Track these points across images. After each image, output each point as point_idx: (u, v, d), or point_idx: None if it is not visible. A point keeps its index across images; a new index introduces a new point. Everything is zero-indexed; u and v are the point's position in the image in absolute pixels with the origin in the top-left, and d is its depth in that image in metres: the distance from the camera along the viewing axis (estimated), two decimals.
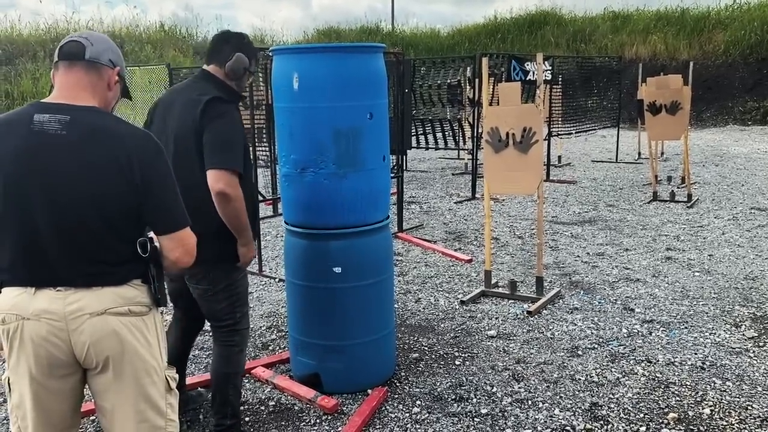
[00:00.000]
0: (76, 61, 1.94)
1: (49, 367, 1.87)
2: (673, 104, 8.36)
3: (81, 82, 1.94)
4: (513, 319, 4.47)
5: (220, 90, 2.74)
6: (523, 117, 4.76)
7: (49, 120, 1.84)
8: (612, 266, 5.70)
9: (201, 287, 2.81)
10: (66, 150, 1.83)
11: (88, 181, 1.84)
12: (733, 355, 3.84)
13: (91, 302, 1.86)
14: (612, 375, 3.61)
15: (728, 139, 16.00)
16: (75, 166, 1.83)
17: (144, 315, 1.96)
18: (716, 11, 22.62)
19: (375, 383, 3.47)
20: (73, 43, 1.96)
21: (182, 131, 2.65)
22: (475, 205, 8.76)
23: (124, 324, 1.90)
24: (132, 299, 1.92)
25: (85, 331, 1.85)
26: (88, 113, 1.90)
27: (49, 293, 1.84)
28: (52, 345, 1.84)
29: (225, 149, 2.59)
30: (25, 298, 1.84)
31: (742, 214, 7.67)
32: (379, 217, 3.39)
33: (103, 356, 1.88)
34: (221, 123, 2.61)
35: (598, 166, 12.15)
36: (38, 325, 1.83)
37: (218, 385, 2.92)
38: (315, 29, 28.33)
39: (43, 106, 1.89)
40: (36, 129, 1.83)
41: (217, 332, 2.91)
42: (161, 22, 24.29)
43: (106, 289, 1.88)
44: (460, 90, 10.51)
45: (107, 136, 1.87)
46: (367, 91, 3.23)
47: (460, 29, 27.41)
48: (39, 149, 1.83)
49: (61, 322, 1.83)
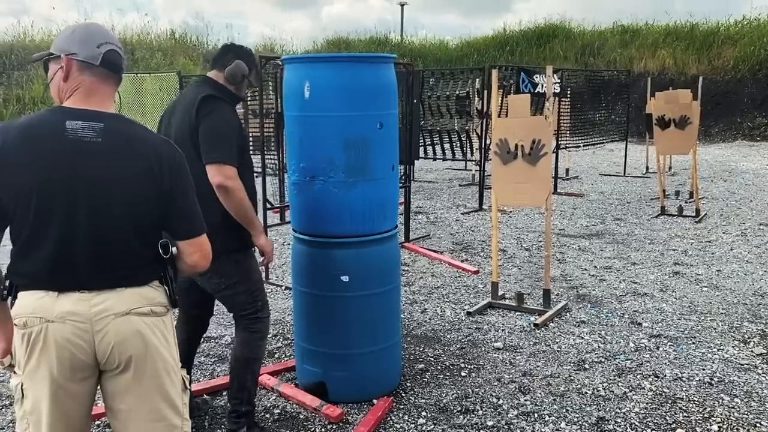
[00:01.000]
0: (114, 74, 1.97)
1: (71, 370, 1.87)
2: (682, 119, 8.35)
3: (112, 91, 1.98)
4: (519, 332, 4.46)
5: (215, 90, 2.84)
6: (533, 129, 4.76)
7: (83, 127, 1.84)
8: (619, 280, 5.68)
9: (214, 282, 2.88)
10: (102, 157, 1.85)
11: (123, 188, 1.87)
12: (741, 371, 3.81)
13: (116, 303, 1.88)
14: (619, 389, 3.59)
15: (737, 154, 15.96)
16: (111, 172, 1.85)
17: (163, 315, 1.99)
18: (725, 27, 22.63)
19: (381, 393, 3.46)
20: (117, 56, 1.97)
21: (180, 130, 2.77)
22: (481, 217, 8.75)
23: (147, 324, 1.92)
24: (153, 300, 1.95)
25: (110, 331, 1.86)
26: (118, 121, 1.92)
27: (74, 296, 1.85)
28: (75, 347, 1.85)
29: (219, 144, 2.69)
30: (48, 301, 1.84)
31: (750, 230, 7.64)
32: (387, 227, 3.39)
33: (126, 356, 1.90)
34: (212, 118, 2.71)
35: (605, 180, 12.13)
36: (63, 327, 1.83)
37: (237, 370, 2.98)
38: (324, 39, 28.51)
39: (74, 112, 1.88)
40: (71, 136, 1.83)
41: (240, 320, 3.00)
42: (172, 29, 24.52)
43: (130, 290, 1.91)
44: (468, 101, 10.53)
45: (140, 143, 1.91)
46: (377, 101, 3.24)
47: (469, 41, 27.50)
48: (75, 156, 1.83)
49: (87, 323, 1.85)
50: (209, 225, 2.50)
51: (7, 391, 3.60)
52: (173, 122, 2.85)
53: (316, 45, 28.06)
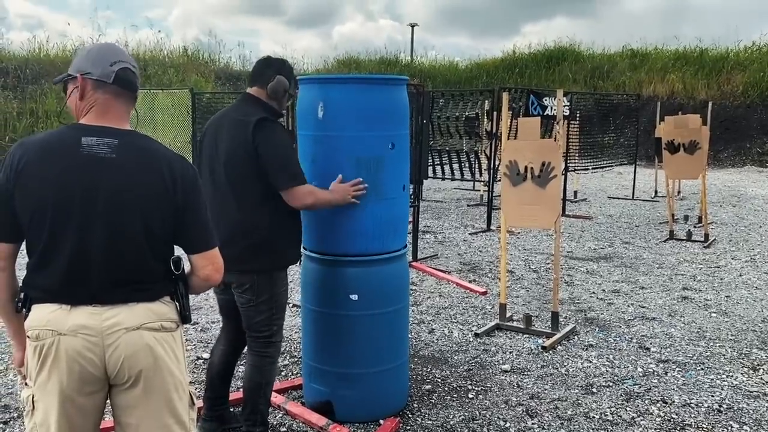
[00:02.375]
0: (128, 91, 2.01)
1: (81, 383, 1.88)
2: (692, 143, 8.36)
3: (127, 109, 2.02)
4: (527, 354, 4.44)
5: (264, 110, 2.92)
6: (543, 151, 4.78)
7: (97, 143, 1.89)
8: (627, 304, 5.66)
9: (245, 297, 2.95)
10: (117, 173, 1.89)
11: (136, 203, 1.90)
12: (750, 398, 3.78)
13: (127, 318, 1.90)
14: (627, 414, 3.56)
15: (746, 180, 15.92)
16: (125, 188, 1.89)
17: (173, 331, 2.00)
18: (735, 52, 22.70)
19: (387, 413, 3.45)
20: (130, 72, 2.01)
21: (234, 151, 2.84)
22: (489, 237, 8.75)
23: (157, 339, 1.94)
24: (163, 315, 1.97)
25: (120, 345, 1.88)
26: (133, 137, 1.96)
27: (87, 309, 1.88)
28: (86, 360, 1.87)
29: (288, 167, 2.85)
30: (61, 315, 1.87)
31: (759, 256, 7.60)
32: (397, 246, 3.41)
33: (136, 370, 1.91)
34: (274, 142, 2.81)
35: (614, 203, 12.12)
36: (74, 341, 1.86)
37: (250, 393, 3.03)
38: (335, 58, 28.72)
39: (90, 129, 1.93)
40: (85, 152, 1.87)
41: (254, 342, 3.04)
42: (184, 46, 24.72)
43: (141, 305, 1.93)
44: (477, 122, 10.58)
45: (154, 159, 1.95)
46: (390, 122, 3.27)
47: (479, 62, 27.67)
48: (91, 172, 1.87)
49: (98, 337, 1.87)
50: (257, 242, 2.80)
51: (16, 404, 3.61)
52: (221, 143, 2.90)
53: (326, 64, 28.30)
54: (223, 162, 2.87)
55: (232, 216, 2.87)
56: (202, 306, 5.53)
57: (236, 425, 3.28)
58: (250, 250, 2.87)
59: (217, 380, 3.25)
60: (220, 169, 2.88)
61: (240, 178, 2.84)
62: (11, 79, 18.11)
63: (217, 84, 21.52)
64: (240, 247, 2.85)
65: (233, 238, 2.83)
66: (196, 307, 5.49)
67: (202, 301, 5.68)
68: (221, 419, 3.28)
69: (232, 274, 2.89)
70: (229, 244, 2.83)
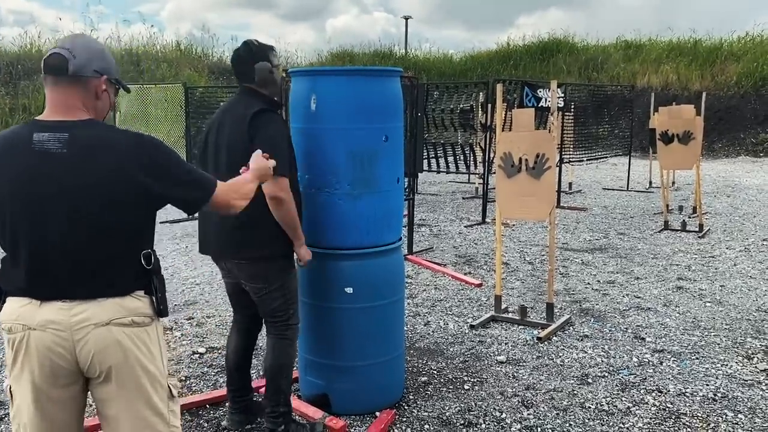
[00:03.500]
0: (61, 77, 1.92)
1: (53, 377, 1.90)
2: (686, 134, 8.37)
3: (70, 97, 1.95)
4: (523, 345, 4.45)
5: (262, 102, 2.95)
6: (537, 143, 4.78)
7: (48, 139, 1.87)
8: (623, 294, 5.67)
9: (258, 285, 3.00)
10: (69, 168, 1.87)
11: (90, 197, 1.88)
12: (745, 387, 3.80)
13: (96, 313, 1.90)
14: (622, 404, 3.58)
15: (740, 170, 15.97)
16: (79, 182, 1.87)
17: (147, 326, 1.99)
18: (729, 43, 22.72)
19: (384, 405, 3.45)
20: (56, 57, 1.92)
21: (234, 144, 2.87)
22: (485, 230, 8.76)
23: (128, 334, 1.94)
24: (135, 310, 1.96)
25: (89, 341, 1.89)
26: (84, 128, 1.92)
27: (56, 304, 1.88)
28: (56, 355, 1.88)
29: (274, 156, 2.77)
30: (30, 309, 1.89)
31: (754, 246, 7.63)
32: (391, 239, 3.41)
33: (106, 365, 1.92)
34: (266, 132, 2.83)
35: (608, 194, 12.14)
36: (44, 335, 1.87)
37: (271, 375, 3.09)
38: (329, 52, 28.61)
39: (41, 124, 1.92)
40: (37, 149, 1.87)
41: (272, 327, 3.10)
42: (177, 41, 24.48)
43: (110, 300, 1.92)
44: (472, 115, 10.56)
45: (105, 148, 1.90)
46: (383, 114, 3.26)
47: (473, 55, 27.62)
48: (43, 169, 1.86)
49: (67, 332, 1.88)
50: (264, 232, 2.85)
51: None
52: (221, 136, 2.94)
53: (320, 57, 28.18)
54: (225, 155, 2.92)
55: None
56: (198, 301, 5.53)
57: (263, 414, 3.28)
58: (258, 239, 2.92)
59: (236, 371, 3.29)
60: (223, 163, 2.92)
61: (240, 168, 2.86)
62: (3, 75, 18.00)
63: (211, 78, 21.43)
64: (248, 236, 2.92)
65: (240, 228, 2.90)
66: (192, 302, 5.48)
67: (197, 296, 5.67)
68: (247, 410, 3.33)
69: (240, 264, 2.98)
70: (237, 235, 2.92)
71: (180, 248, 7.60)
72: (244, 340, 3.30)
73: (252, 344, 3.34)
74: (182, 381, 3.89)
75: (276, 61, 3.05)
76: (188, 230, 8.71)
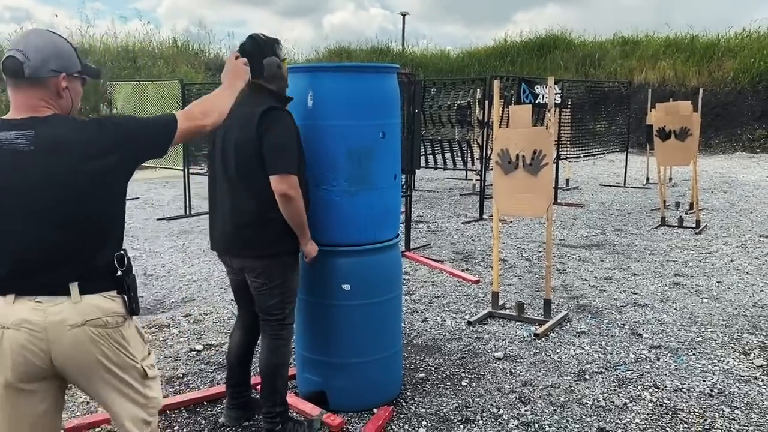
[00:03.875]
0: (19, 79, 1.94)
1: (27, 374, 1.93)
2: (683, 130, 8.38)
3: (31, 98, 1.96)
4: (520, 341, 4.46)
5: (271, 99, 2.94)
6: (534, 139, 4.78)
7: (16, 137, 1.89)
8: (620, 290, 5.68)
9: (258, 281, 3.00)
10: (36, 164, 1.88)
11: (58, 193, 1.89)
12: (741, 383, 3.81)
13: (72, 314, 1.91)
14: (619, 400, 3.58)
15: (736, 166, 15.99)
16: (44, 179, 1.88)
17: (120, 326, 2.02)
18: (725, 39, 22.73)
19: (381, 402, 3.46)
20: (10, 60, 1.93)
21: (243, 141, 2.86)
22: (482, 226, 8.76)
23: (101, 335, 1.96)
24: (109, 311, 1.98)
25: (64, 341, 1.91)
26: (49, 125, 1.93)
27: (29, 304, 1.89)
28: (30, 353, 1.90)
29: (283, 154, 2.84)
30: (4, 308, 1.90)
31: (750, 242, 7.65)
32: (389, 236, 3.40)
33: (80, 364, 1.95)
34: (275, 130, 2.83)
35: (606, 190, 12.15)
36: (17, 334, 1.88)
37: (267, 375, 3.08)
38: (326, 48, 28.56)
39: (8, 123, 1.93)
40: (5, 147, 1.88)
41: (267, 326, 3.09)
42: (174, 37, 24.44)
43: (85, 301, 1.93)
44: (469, 111, 10.56)
45: (67, 143, 1.91)
46: (380, 111, 3.26)
47: (470, 51, 27.59)
48: (10, 166, 1.88)
49: (42, 332, 1.89)
50: (270, 229, 2.87)
51: None
52: (231, 133, 2.91)
53: (317, 54, 28.14)
54: (233, 152, 2.91)
55: (245, 205, 2.93)
56: (195, 298, 5.52)
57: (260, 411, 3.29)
58: (264, 236, 2.93)
59: (237, 366, 3.29)
60: (231, 160, 2.92)
61: (250, 168, 2.88)
62: None
63: (208, 75, 21.36)
64: (254, 234, 2.93)
65: (247, 225, 2.92)
66: (189, 299, 5.48)
67: (195, 293, 5.67)
68: (245, 406, 3.33)
69: (245, 260, 2.99)
70: (244, 231, 2.94)
71: (177, 245, 7.59)
72: (247, 335, 3.30)
73: (254, 340, 3.34)
74: (179, 378, 3.89)
75: (282, 54, 3.03)
76: (185, 227, 8.70)
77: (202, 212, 9.44)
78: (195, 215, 9.53)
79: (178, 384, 3.80)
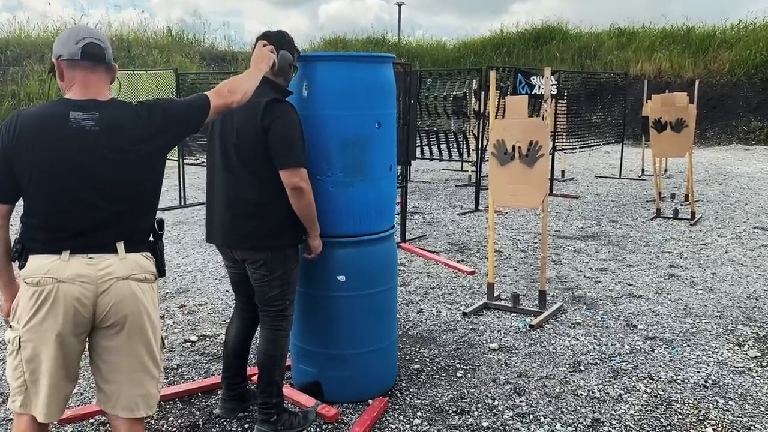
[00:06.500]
0: (99, 63, 2.24)
1: (74, 325, 2.17)
2: (678, 122, 8.38)
3: (102, 80, 2.27)
4: (515, 333, 4.46)
5: (274, 91, 2.94)
6: (530, 130, 4.77)
7: (84, 117, 2.16)
8: (615, 282, 5.69)
9: (259, 272, 3.01)
10: (100, 143, 2.16)
11: (119, 168, 2.19)
12: (735, 374, 3.82)
13: (118, 268, 2.20)
14: (614, 391, 3.59)
15: (732, 158, 16.02)
16: (107, 155, 2.17)
17: (152, 282, 2.31)
18: (722, 30, 22.72)
19: (376, 393, 3.45)
20: (94, 46, 2.22)
21: (245, 132, 2.87)
22: (478, 217, 8.76)
23: (141, 288, 2.25)
24: (146, 268, 2.28)
25: (111, 292, 2.18)
26: (111, 107, 2.22)
27: (83, 260, 2.16)
28: (80, 305, 2.15)
29: (292, 148, 2.86)
30: (60, 264, 2.15)
31: (745, 234, 7.66)
32: (384, 226, 3.39)
33: (122, 314, 2.21)
34: (282, 124, 2.85)
35: (601, 182, 12.16)
36: (72, 287, 2.14)
37: (265, 366, 3.08)
38: (321, 38, 28.44)
39: (76, 104, 2.19)
40: (74, 125, 2.15)
41: (266, 317, 3.10)
42: (169, 27, 24.33)
43: (129, 258, 2.23)
44: (465, 102, 10.53)
45: (126, 126, 2.21)
46: (376, 101, 3.23)
47: (466, 42, 27.52)
48: (78, 143, 2.14)
49: (92, 285, 2.16)
50: (272, 221, 2.94)
51: (5, 390, 3.58)
52: (233, 124, 2.89)
53: (313, 44, 27.99)
54: (235, 143, 2.90)
55: (246, 195, 2.92)
56: (189, 289, 5.51)
57: (255, 403, 3.29)
58: (265, 228, 2.93)
59: (234, 358, 3.29)
60: (233, 150, 2.91)
61: (252, 158, 2.88)
62: None
63: (202, 65, 21.27)
64: (255, 225, 2.93)
65: (248, 216, 2.92)
66: (183, 290, 5.46)
67: (189, 284, 5.65)
68: (241, 398, 3.32)
69: (246, 251, 2.99)
70: (244, 222, 2.93)
71: (171, 236, 7.56)
72: (245, 326, 3.29)
73: (252, 332, 3.33)
74: (174, 369, 3.88)
75: (295, 62, 3.04)
76: (180, 218, 8.67)
77: (197, 203, 9.41)
78: (190, 206, 9.49)
79: (173, 375, 3.79)
